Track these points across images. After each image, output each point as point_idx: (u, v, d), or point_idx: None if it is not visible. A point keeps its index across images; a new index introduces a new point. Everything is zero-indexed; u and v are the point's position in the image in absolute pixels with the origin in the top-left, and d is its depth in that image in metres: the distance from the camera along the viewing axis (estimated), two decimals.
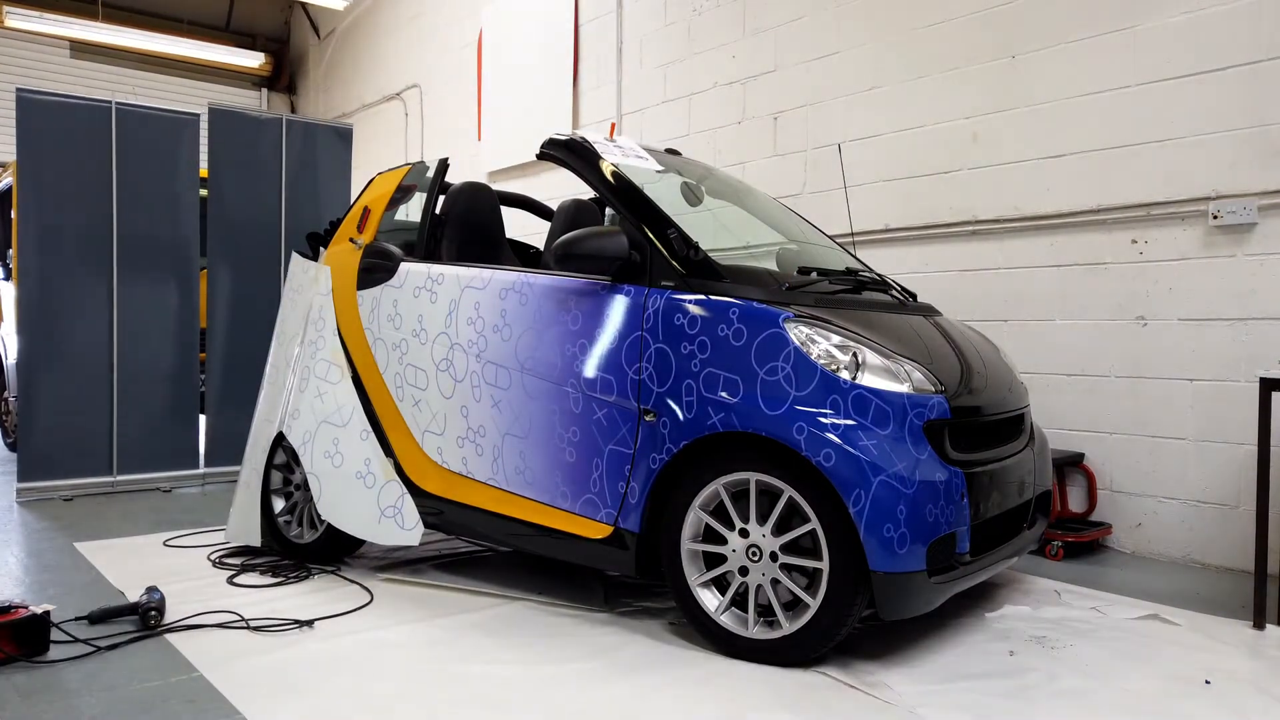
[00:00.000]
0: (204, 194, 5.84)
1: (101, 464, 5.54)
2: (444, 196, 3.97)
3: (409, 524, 3.59)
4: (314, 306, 4.05)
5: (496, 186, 4.49)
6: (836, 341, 2.83)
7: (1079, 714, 2.51)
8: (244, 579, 3.68)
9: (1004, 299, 4.87)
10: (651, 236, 3.14)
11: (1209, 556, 4.17)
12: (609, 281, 3.18)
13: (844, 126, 5.56)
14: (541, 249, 4.51)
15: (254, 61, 12.71)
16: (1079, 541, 4.28)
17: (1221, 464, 4.13)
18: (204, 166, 5.85)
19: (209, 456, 5.87)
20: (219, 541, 4.25)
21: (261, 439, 4.09)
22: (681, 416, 2.93)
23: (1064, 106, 4.60)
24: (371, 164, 8.60)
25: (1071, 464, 4.52)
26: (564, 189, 6.37)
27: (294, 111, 13.07)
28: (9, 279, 6.62)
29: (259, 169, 6.05)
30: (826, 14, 5.68)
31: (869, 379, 2.77)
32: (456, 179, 4.18)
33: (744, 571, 2.85)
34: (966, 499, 2.80)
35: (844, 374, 2.76)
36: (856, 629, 3.07)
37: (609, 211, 4.32)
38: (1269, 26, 3.96)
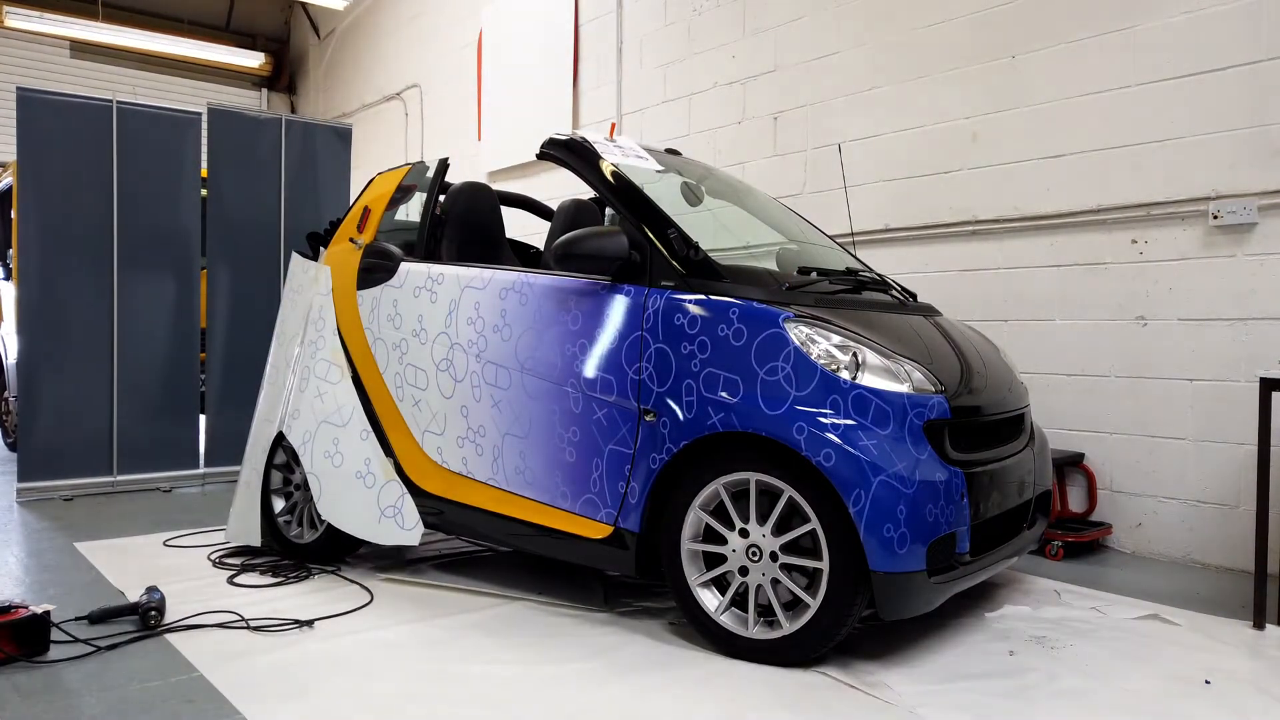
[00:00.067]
0: (204, 194, 5.84)
1: (101, 464, 5.54)
2: (444, 196, 3.97)
3: (409, 524, 3.59)
4: (314, 306, 4.05)
5: (496, 186, 4.49)
6: (836, 341, 2.83)
7: (1079, 714, 2.51)
8: (244, 579, 3.68)
9: (1004, 299, 4.87)
10: (651, 236, 3.14)
11: (1209, 556, 4.17)
12: (609, 281, 3.18)
13: (844, 126, 5.56)
14: (541, 249, 4.51)
15: (254, 61, 12.71)
16: (1079, 541, 4.28)
17: (1221, 464, 4.13)
18: (203, 166, 5.85)
19: (209, 456, 5.87)
20: (219, 541, 4.25)
21: (261, 439, 4.09)
22: (681, 416, 2.93)
23: (1064, 106, 4.60)
24: (371, 164, 8.61)
25: (1071, 464, 4.52)
26: (564, 189, 6.37)
27: (294, 111, 13.06)
28: (9, 279, 6.62)
29: (259, 169, 6.04)
30: (826, 14, 5.68)
31: (869, 379, 2.77)
32: (456, 179, 4.18)
33: (744, 571, 2.85)
34: (966, 499, 2.80)
35: (844, 374, 2.76)
36: (856, 629, 3.07)
37: (609, 211, 4.32)
38: (1269, 26, 3.96)
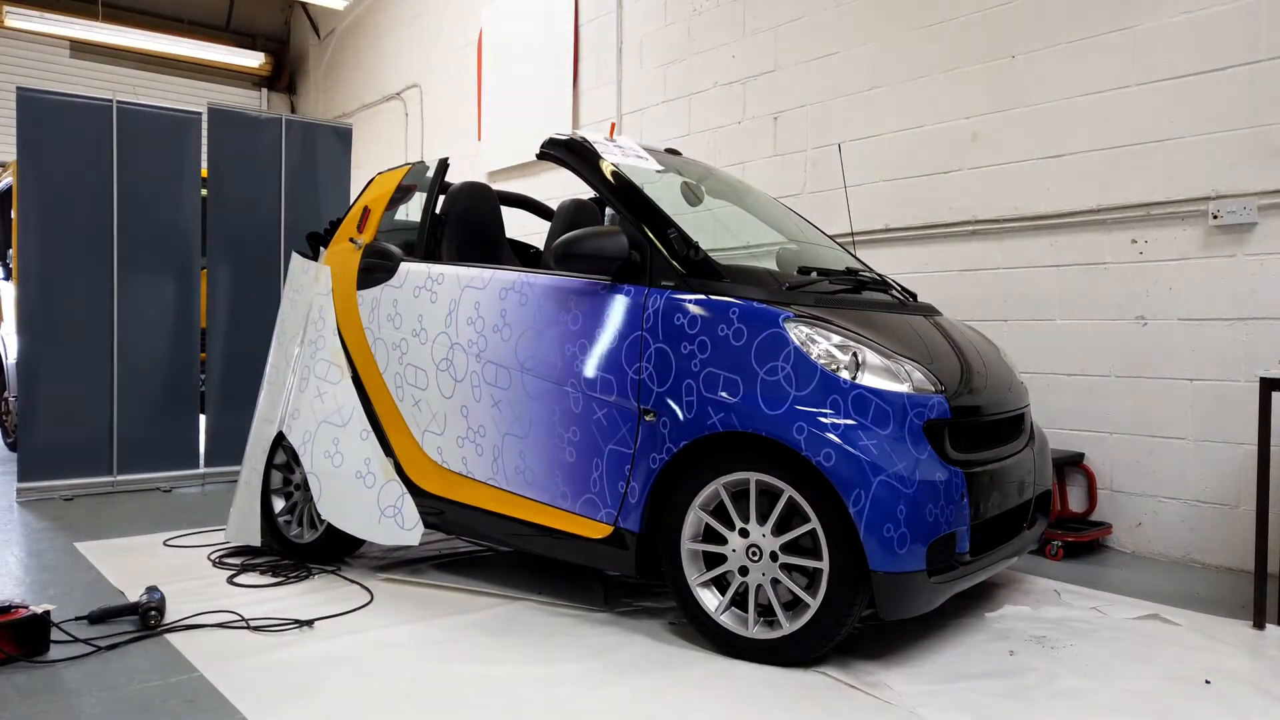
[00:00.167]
0: (204, 194, 5.84)
1: (101, 464, 5.54)
2: (444, 196, 3.97)
3: (409, 524, 3.59)
4: (314, 306, 4.05)
5: (496, 186, 4.49)
6: (836, 341, 2.83)
7: (1079, 714, 2.51)
8: (244, 579, 3.68)
9: (1004, 299, 4.87)
10: (651, 236, 3.14)
11: (1209, 556, 4.17)
12: (609, 281, 3.18)
13: (844, 126, 5.56)
14: (541, 249, 4.51)
15: (254, 61, 12.71)
16: (1079, 541, 4.28)
17: (1221, 464, 4.13)
18: (204, 166, 5.85)
19: (209, 456, 5.87)
20: (219, 541, 4.25)
21: (261, 439, 4.09)
22: (681, 416, 2.93)
23: (1064, 106, 4.60)
24: (371, 164, 8.61)
25: (1071, 464, 4.52)
26: (564, 189, 6.37)
27: (294, 111, 13.06)
28: (9, 279, 6.62)
29: (259, 169, 6.04)
30: (826, 14, 5.68)
31: (869, 379, 2.77)
32: (456, 179, 4.18)
33: (744, 571, 2.85)
34: (966, 499, 2.80)
35: (844, 374, 2.76)
36: (856, 629, 3.07)
37: (609, 211, 4.32)
38: (1268, 27, 3.96)
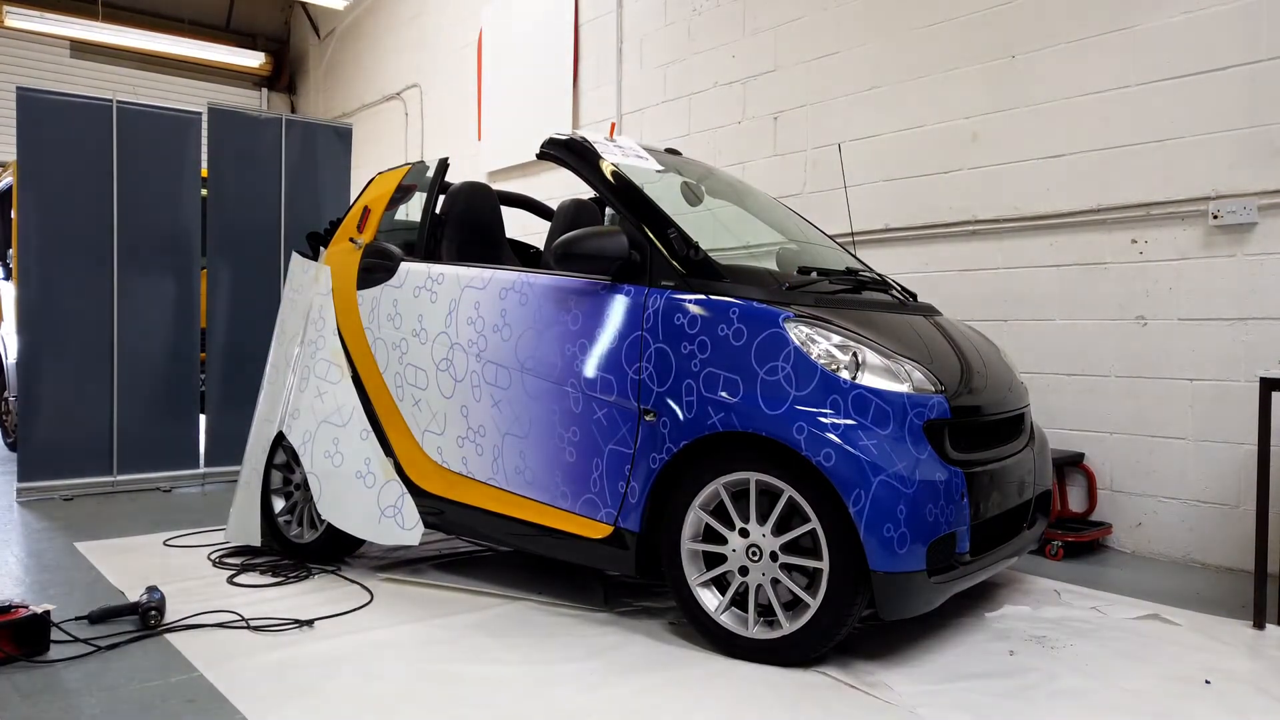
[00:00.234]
0: (204, 194, 5.84)
1: (101, 464, 5.54)
2: (444, 196, 3.97)
3: (409, 524, 3.59)
4: (314, 306, 4.05)
5: (496, 186, 4.49)
6: (836, 341, 2.83)
7: (1079, 714, 2.51)
8: (244, 579, 3.68)
9: (1004, 299, 4.87)
10: (651, 236, 3.14)
11: (1209, 556, 4.17)
12: (609, 281, 3.18)
13: (844, 126, 5.56)
14: (541, 249, 4.51)
15: (254, 61, 12.71)
16: (1079, 541, 4.28)
17: (1221, 464, 4.13)
18: (204, 166, 5.85)
19: (209, 456, 5.87)
20: (219, 541, 4.25)
21: (261, 439, 4.10)
22: (681, 416, 2.93)
23: (1064, 106, 4.60)
24: (371, 164, 8.62)
25: (1071, 464, 4.52)
26: (564, 189, 6.38)
27: (294, 111, 13.06)
28: (9, 279, 6.62)
29: (259, 169, 6.04)
30: (826, 14, 5.68)
31: (869, 379, 2.77)
32: (456, 179, 4.18)
33: (744, 571, 2.85)
34: (966, 499, 2.80)
35: (844, 374, 2.76)
36: (856, 629, 3.07)
37: (609, 211, 4.32)
38: (1268, 27, 3.96)
